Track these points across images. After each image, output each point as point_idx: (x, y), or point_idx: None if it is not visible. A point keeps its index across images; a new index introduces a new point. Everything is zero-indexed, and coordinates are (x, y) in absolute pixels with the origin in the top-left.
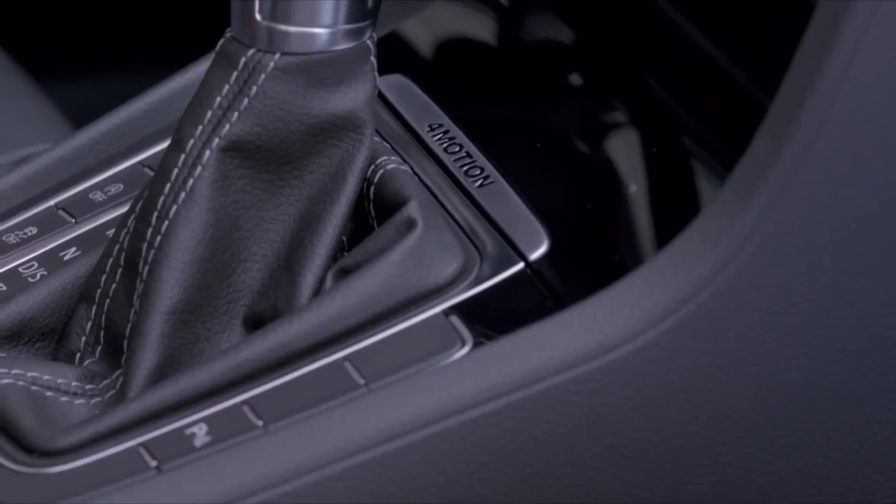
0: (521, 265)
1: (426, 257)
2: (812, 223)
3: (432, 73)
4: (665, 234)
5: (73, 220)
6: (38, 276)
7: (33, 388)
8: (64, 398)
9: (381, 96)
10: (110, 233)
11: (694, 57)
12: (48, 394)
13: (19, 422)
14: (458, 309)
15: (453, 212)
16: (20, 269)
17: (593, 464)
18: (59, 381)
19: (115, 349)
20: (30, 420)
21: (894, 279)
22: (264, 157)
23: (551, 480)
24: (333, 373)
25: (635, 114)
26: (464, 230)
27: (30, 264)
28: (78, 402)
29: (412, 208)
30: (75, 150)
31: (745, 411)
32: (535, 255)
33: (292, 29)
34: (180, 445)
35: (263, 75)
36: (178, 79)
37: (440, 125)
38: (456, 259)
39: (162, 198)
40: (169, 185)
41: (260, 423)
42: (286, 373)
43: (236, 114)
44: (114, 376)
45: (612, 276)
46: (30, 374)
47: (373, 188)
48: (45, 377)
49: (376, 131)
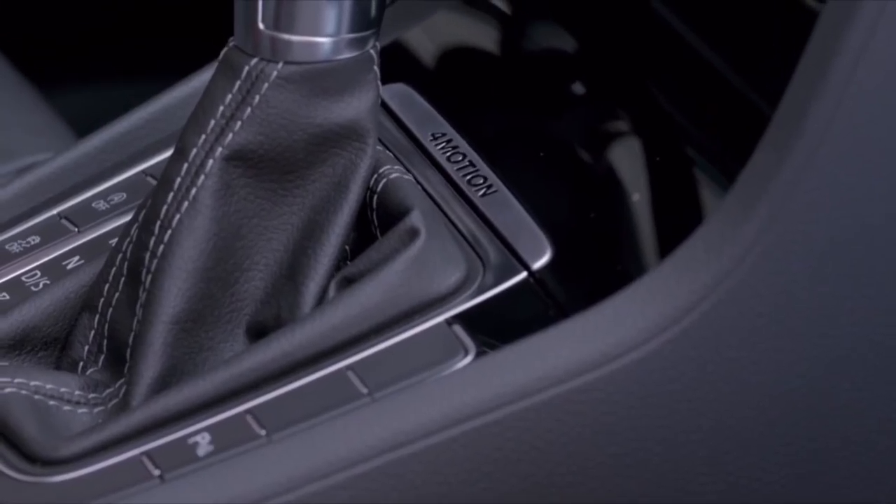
0: (524, 274)
1: (429, 267)
2: (814, 231)
3: (435, 83)
4: (668, 244)
5: (76, 229)
6: (41, 285)
7: (36, 397)
8: (67, 407)
9: (384, 105)
10: (113, 242)
11: (697, 65)
12: (51, 403)
13: (22, 431)
14: (461, 318)
15: (456, 221)
16: (23, 279)
17: (596, 473)
18: (62, 390)
19: (117, 358)
20: (33, 429)
21: None
22: (267, 167)
23: (554, 490)
24: (336, 382)
25: (638, 123)
26: (467, 239)
27: (33, 273)
28: (81, 411)
29: (415, 217)
30: (78, 159)
31: (747, 420)
32: (538, 265)
33: (295, 38)
34: (183, 454)
35: (266, 84)
36: (180, 88)
37: (443, 134)
38: (459, 268)
39: (165, 207)
40: (172, 194)
41: (263, 433)
42: (289, 382)
43: (239, 123)
44: (117, 385)
45: (614, 285)
46: (33, 383)
47: (376, 197)
48: (48, 386)
49: (379, 140)
